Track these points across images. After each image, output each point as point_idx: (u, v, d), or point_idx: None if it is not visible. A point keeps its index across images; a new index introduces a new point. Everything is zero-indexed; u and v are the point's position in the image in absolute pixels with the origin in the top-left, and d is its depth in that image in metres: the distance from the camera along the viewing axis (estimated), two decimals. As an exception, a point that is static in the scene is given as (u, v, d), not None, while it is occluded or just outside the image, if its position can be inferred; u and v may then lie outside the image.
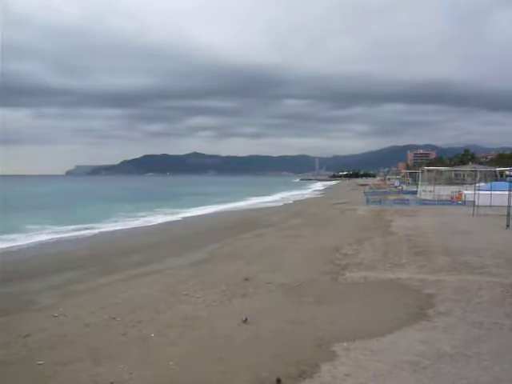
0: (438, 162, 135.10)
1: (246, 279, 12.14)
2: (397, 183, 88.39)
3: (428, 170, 60.02)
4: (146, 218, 35.80)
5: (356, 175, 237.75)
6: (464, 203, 38.15)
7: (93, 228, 28.99)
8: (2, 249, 20.91)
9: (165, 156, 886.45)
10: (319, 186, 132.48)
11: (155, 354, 7.31)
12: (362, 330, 8.07)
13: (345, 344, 7.36)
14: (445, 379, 6.05)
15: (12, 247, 21.44)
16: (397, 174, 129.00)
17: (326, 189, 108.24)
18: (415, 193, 54.25)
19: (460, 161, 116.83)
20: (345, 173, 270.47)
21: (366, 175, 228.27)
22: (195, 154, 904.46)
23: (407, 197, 48.51)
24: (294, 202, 56.85)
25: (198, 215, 38.81)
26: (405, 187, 72.33)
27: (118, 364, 6.96)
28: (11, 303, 11.04)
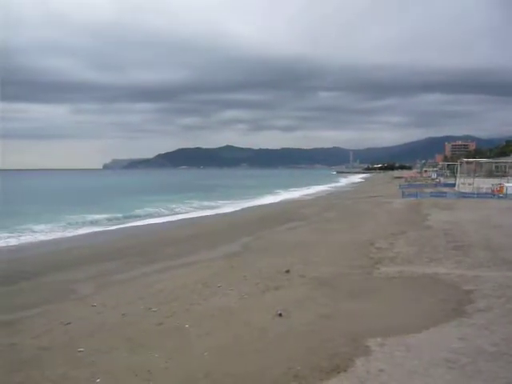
0: (478, 153, 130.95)
1: (288, 271, 12.15)
2: (434, 175, 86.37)
3: (467, 162, 58.26)
4: (180, 211, 36.28)
5: (391, 168, 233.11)
6: (505, 196, 36.91)
7: (129, 220, 29.64)
8: (44, 240, 21.68)
9: (198, 149, 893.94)
10: (353, 178, 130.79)
11: (190, 345, 7.44)
12: (396, 325, 7.96)
13: (379, 339, 7.28)
14: (483, 378, 5.90)
15: (53, 239, 22.18)
16: (434, 166, 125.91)
17: (360, 182, 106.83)
18: (453, 185, 52.86)
19: (501, 152, 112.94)
20: (379, 165, 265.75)
21: (402, 167, 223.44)
22: (228, 147, 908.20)
23: (445, 189, 47.33)
24: (327, 195, 56.39)
25: (232, 208, 39.01)
26: (442, 180, 70.56)
27: (154, 353, 7.12)
28: (53, 292, 11.47)
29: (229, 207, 39.67)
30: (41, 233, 23.74)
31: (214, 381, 6.15)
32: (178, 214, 34.90)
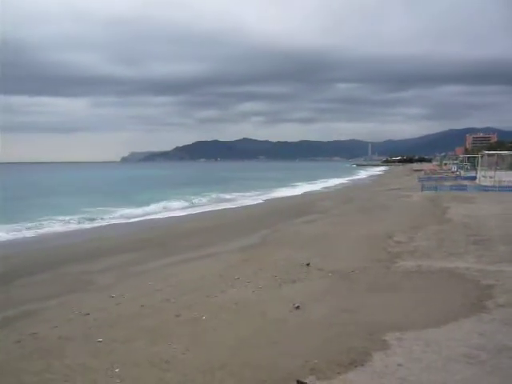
0: (500, 146, 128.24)
1: (308, 264, 12.11)
2: (454, 168, 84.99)
3: (488, 155, 57.12)
4: (197, 203, 36.47)
5: (410, 160, 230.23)
6: (528, 190, 36.11)
7: (147, 213, 29.93)
8: (64, 231, 22.04)
9: (216, 142, 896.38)
10: (371, 171, 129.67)
11: (207, 336, 7.49)
12: (415, 319, 7.88)
13: (397, 333, 7.22)
14: (503, 374, 5.81)
15: (72, 231, 22.53)
16: (454, 159, 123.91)
17: (379, 174, 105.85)
18: (474, 178, 51.97)
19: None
20: (398, 158, 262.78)
21: (421, 160, 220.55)
22: (246, 140, 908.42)
23: (465, 183, 46.55)
24: (346, 187, 56.05)
25: (250, 201, 39.06)
26: (463, 173, 69.41)
27: (171, 344, 7.19)
28: (73, 283, 11.66)
29: (246, 200, 39.73)
30: (60, 224, 24.09)
31: (230, 372, 6.18)
32: (195, 206, 35.07)
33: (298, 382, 5.81)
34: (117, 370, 6.35)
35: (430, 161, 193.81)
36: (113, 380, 6.08)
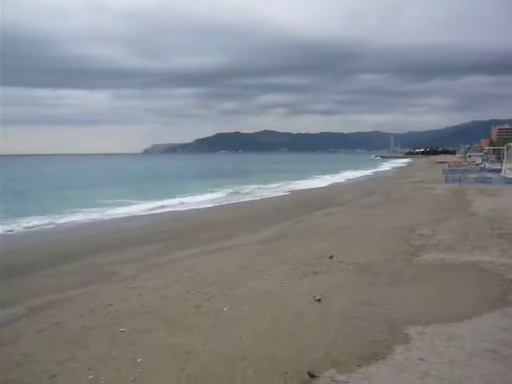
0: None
1: (331, 257, 12.06)
2: (478, 160, 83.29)
3: (514, 147, 55.82)
4: (218, 196, 36.61)
5: (433, 152, 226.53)
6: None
7: (168, 205, 30.17)
8: (86, 223, 22.40)
9: (237, 134, 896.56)
10: (394, 163, 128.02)
11: (228, 328, 7.53)
12: (437, 313, 7.78)
13: (419, 327, 7.14)
14: (529, 370, 5.70)
15: (94, 222, 22.87)
16: (479, 151, 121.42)
17: (401, 166, 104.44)
18: (499, 171, 50.87)
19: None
20: (421, 150, 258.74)
21: (445, 152, 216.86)
22: (266, 132, 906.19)
23: (490, 175, 45.59)
24: (367, 179, 55.49)
25: (271, 193, 39.01)
26: (487, 165, 68.03)
27: (192, 335, 7.25)
28: (96, 274, 11.85)
29: (267, 192, 39.69)
30: (82, 215, 24.47)
31: (251, 363, 6.20)
32: (216, 198, 35.18)
33: (308, 373, 5.81)
34: (139, 360, 6.44)
35: (453, 153, 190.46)
36: (135, 369, 6.17)
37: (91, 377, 6.01)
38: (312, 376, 5.76)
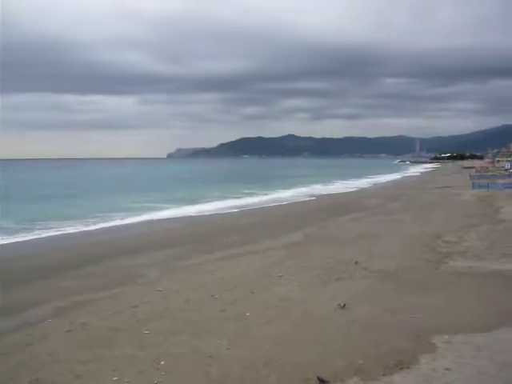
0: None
1: (356, 263, 11.96)
2: (508, 166, 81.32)
3: (545, 152, 54.30)
4: (241, 200, 36.68)
5: (461, 157, 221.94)
6: None
7: (191, 209, 30.40)
8: (113, 226, 22.73)
9: (260, 138, 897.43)
10: (419, 168, 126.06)
11: (251, 332, 7.52)
12: (465, 323, 7.62)
13: (446, 337, 7.00)
14: (562, 383, 5.52)
15: (120, 225, 23.19)
16: (508, 156, 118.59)
17: (427, 172, 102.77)
18: (529, 177, 49.57)
19: None
20: (448, 155, 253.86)
21: (472, 157, 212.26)
22: (290, 137, 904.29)
23: (520, 181, 44.43)
24: (392, 185, 54.76)
25: (294, 197, 38.87)
26: (517, 170, 66.36)
27: (215, 339, 7.27)
28: (122, 276, 12.00)
29: (291, 197, 39.55)
30: (108, 219, 24.80)
31: (273, 369, 6.18)
32: (239, 203, 35.21)
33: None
34: (163, 363, 6.48)
35: (481, 158, 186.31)
36: (159, 372, 6.22)
37: (115, 378, 6.08)
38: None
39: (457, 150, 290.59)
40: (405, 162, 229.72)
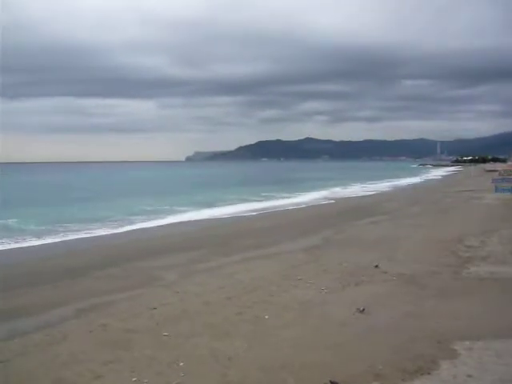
0: None
1: (376, 266, 11.87)
2: (532, 169, 79.63)
3: None
4: (260, 203, 36.70)
5: (483, 160, 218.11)
6: None
7: (210, 212, 30.55)
8: (132, 230, 22.98)
9: (278, 141, 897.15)
10: (440, 171, 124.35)
11: (269, 335, 7.52)
12: (486, 329, 7.48)
13: (467, 343, 6.88)
14: None
15: (139, 229, 23.43)
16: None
17: (448, 175, 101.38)
18: (554, 180, 48.41)
19: None
20: (469, 157, 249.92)
21: (495, 160, 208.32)
22: (308, 139, 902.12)
23: (544, 185, 43.41)
24: (412, 188, 54.16)
25: (312, 200, 38.76)
26: (542, 174, 64.86)
27: (234, 341, 7.29)
28: (141, 278, 12.12)
29: (309, 200, 39.43)
30: (127, 222, 25.04)
31: (291, 372, 6.16)
32: (257, 205, 35.23)
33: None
34: (181, 364, 6.52)
35: (504, 161, 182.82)
36: (177, 373, 6.25)
37: (134, 379, 6.14)
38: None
39: (479, 152, 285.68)
40: (425, 165, 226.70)
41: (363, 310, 8.46)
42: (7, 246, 18.11)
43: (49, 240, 19.51)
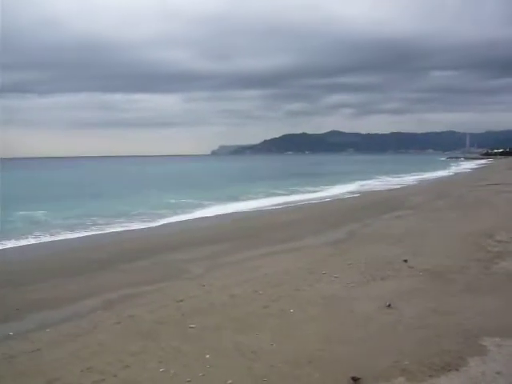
0: None
1: (406, 261, 11.72)
2: None
3: None
4: (285, 196, 36.65)
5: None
6: None
7: (235, 205, 30.66)
8: (157, 225, 23.27)
9: (304, 135, 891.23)
10: (470, 164, 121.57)
11: (294, 329, 7.54)
12: (517, 325, 7.32)
13: (497, 339, 6.76)
14: None
15: (167, 223, 23.69)
16: None
17: (478, 168, 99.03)
18: None
19: None
20: (500, 150, 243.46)
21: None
22: (334, 132, 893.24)
23: None
24: (439, 181, 53.15)
25: (337, 194, 38.48)
26: None
27: (259, 335, 7.34)
28: (167, 270, 12.31)
29: (334, 193, 39.16)
30: (155, 216, 25.32)
31: (316, 367, 6.17)
32: (282, 199, 35.19)
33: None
34: (207, 356, 6.61)
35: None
36: (203, 366, 6.34)
37: (162, 370, 6.26)
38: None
39: (510, 144, 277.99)
40: (454, 158, 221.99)
41: (389, 305, 8.39)
42: (41, 240, 18.46)
43: (80, 234, 19.87)
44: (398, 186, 46.49)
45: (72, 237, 19.27)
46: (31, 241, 18.13)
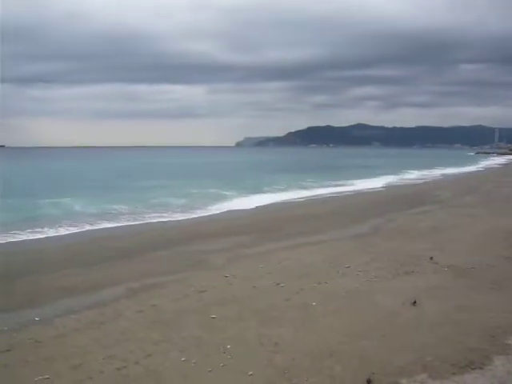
0: None
1: (431, 258, 11.52)
2: None
3: None
4: (309, 190, 36.42)
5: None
6: None
7: (257, 198, 30.61)
8: (182, 215, 23.39)
9: (328, 127, 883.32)
10: (498, 160, 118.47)
11: (316, 323, 7.51)
12: (545, 325, 7.12)
13: (524, 338, 6.60)
14: None
15: (189, 215, 23.80)
16: None
17: (507, 164, 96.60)
18: None
19: None
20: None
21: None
22: (359, 125, 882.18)
23: None
24: (466, 177, 52.03)
25: (361, 188, 38.04)
26: None
27: (281, 327, 7.34)
28: (189, 261, 12.38)
29: (358, 187, 38.70)
30: (176, 207, 25.39)
31: (338, 360, 6.14)
32: (306, 193, 34.98)
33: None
34: (228, 347, 6.64)
35: None
36: (224, 356, 6.38)
37: (183, 359, 6.32)
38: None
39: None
40: (483, 153, 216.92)
41: (414, 302, 8.23)
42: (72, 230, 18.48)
43: (112, 224, 19.81)
44: (425, 181, 45.71)
45: (110, 226, 19.29)
46: (62, 231, 18.07)
